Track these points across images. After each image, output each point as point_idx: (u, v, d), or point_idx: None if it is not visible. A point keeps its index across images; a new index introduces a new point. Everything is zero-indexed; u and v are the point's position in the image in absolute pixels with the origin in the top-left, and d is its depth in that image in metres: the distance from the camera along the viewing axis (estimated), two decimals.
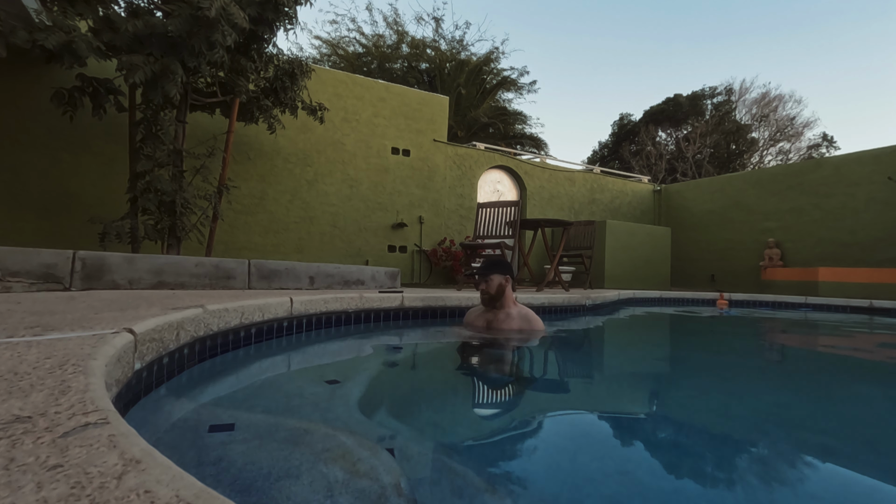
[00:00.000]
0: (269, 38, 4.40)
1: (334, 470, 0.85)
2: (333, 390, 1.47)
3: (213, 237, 4.80)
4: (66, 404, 0.60)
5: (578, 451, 1.09)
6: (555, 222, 5.24)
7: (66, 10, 3.63)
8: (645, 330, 3.93)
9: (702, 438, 1.24)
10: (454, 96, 14.58)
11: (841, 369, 2.47)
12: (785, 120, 20.89)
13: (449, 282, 7.52)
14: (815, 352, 3.06)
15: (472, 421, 1.33)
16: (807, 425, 1.37)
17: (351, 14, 26.23)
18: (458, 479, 0.89)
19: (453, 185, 7.98)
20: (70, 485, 0.40)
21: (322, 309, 2.54)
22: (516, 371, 2.00)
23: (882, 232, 7.38)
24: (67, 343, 0.97)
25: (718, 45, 42.21)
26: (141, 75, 3.43)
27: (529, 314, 2.75)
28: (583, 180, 9.65)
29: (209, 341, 1.67)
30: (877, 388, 2.00)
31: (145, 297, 2.17)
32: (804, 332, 4.14)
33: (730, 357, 2.73)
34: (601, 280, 7.70)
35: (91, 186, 5.13)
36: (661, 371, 2.28)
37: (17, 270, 2.69)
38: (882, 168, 7.45)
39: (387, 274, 4.43)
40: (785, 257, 8.57)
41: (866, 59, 38.30)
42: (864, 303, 5.89)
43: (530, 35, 46.02)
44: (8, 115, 4.78)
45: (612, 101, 50.11)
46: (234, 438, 0.99)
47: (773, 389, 1.88)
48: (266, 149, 6.31)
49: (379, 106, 7.27)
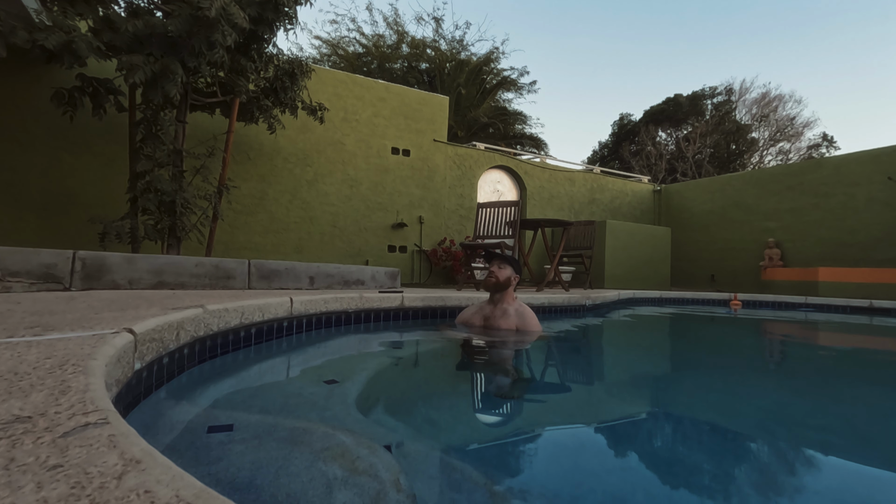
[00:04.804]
0: (269, 38, 4.40)
1: (333, 468, 0.85)
2: (332, 390, 1.47)
3: (213, 237, 4.80)
4: (66, 404, 0.60)
5: (580, 449, 1.09)
6: (555, 222, 5.24)
7: (66, 10, 3.63)
8: (645, 330, 3.93)
9: (704, 436, 1.25)
10: (454, 96, 14.58)
11: (841, 369, 2.47)
12: (785, 120, 20.90)
13: (449, 282, 7.52)
14: (816, 352, 3.06)
15: (471, 419, 1.33)
16: (809, 424, 1.37)
17: (351, 14, 26.23)
18: (457, 475, 0.89)
19: (453, 185, 7.98)
20: (70, 485, 0.41)
21: (322, 309, 2.54)
22: (516, 370, 2.00)
23: (882, 232, 7.38)
24: (67, 343, 0.97)
25: (718, 45, 42.24)
26: (141, 75, 3.43)
27: (527, 313, 2.75)
28: (583, 180, 9.65)
29: (209, 341, 1.67)
30: (877, 387, 2.00)
31: (145, 297, 2.18)
32: (804, 332, 4.14)
33: (731, 357, 2.73)
34: (601, 280, 7.70)
35: (91, 186, 5.13)
36: (662, 370, 2.29)
37: (17, 270, 2.69)
38: (882, 168, 7.45)
39: (387, 274, 4.43)
40: (785, 257, 8.56)
41: (866, 59, 38.32)
42: (864, 303, 5.89)
43: (530, 35, 46.05)
44: (8, 115, 4.78)
45: (612, 102, 50.20)
46: (234, 438, 0.99)
47: (776, 388, 1.88)
48: (266, 149, 6.31)
49: (379, 106, 7.27)
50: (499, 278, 2.73)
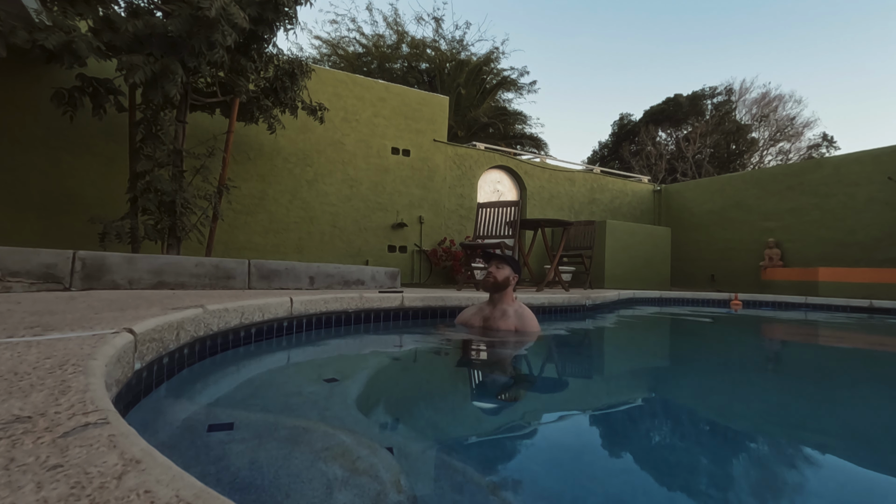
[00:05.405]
0: (269, 38, 4.40)
1: (334, 468, 0.85)
2: (332, 388, 1.47)
3: (213, 237, 4.80)
4: (66, 404, 0.60)
5: (581, 450, 1.09)
6: (555, 222, 5.24)
7: (66, 10, 3.63)
8: (645, 330, 3.93)
9: (705, 437, 1.24)
10: (454, 96, 14.58)
11: (841, 369, 2.47)
12: (785, 120, 20.90)
13: (449, 282, 7.52)
14: (816, 352, 3.06)
15: (472, 419, 1.33)
16: (810, 424, 1.37)
17: (351, 14, 26.24)
18: (458, 476, 0.89)
19: (453, 185, 7.97)
20: (70, 485, 0.40)
21: (322, 309, 2.54)
22: (516, 371, 2.00)
23: (882, 232, 7.38)
24: (67, 343, 0.97)
25: (718, 45, 42.25)
26: (141, 75, 3.43)
27: (526, 314, 2.75)
28: (583, 180, 9.65)
29: (209, 341, 1.67)
30: (878, 387, 2.00)
31: (145, 297, 2.17)
32: (804, 332, 4.14)
33: (731, 357, 2.73)
34: (601, 280, 7.70)
35: (91, 186, 5.13)
36: (663, 371, 2.28)
37: (17, 270, 2.69)
38: (882, 168, 7.45)
39: (387, 274, 4.43)
40: (785, 257, 8.56)
41: (866, 59, 38.32)
42: (864, 303, 5.89)
43: (530, 35, 46.03)
44: (8, 115, 4.78)
45: (612, 102, 50.19)
46: (234, 437, 0.99)
47: (776, 388, 1.88)
48: (266, 149, 6.31)
49: (379, 106, 7.27)
50: (497, 278, 2.73)
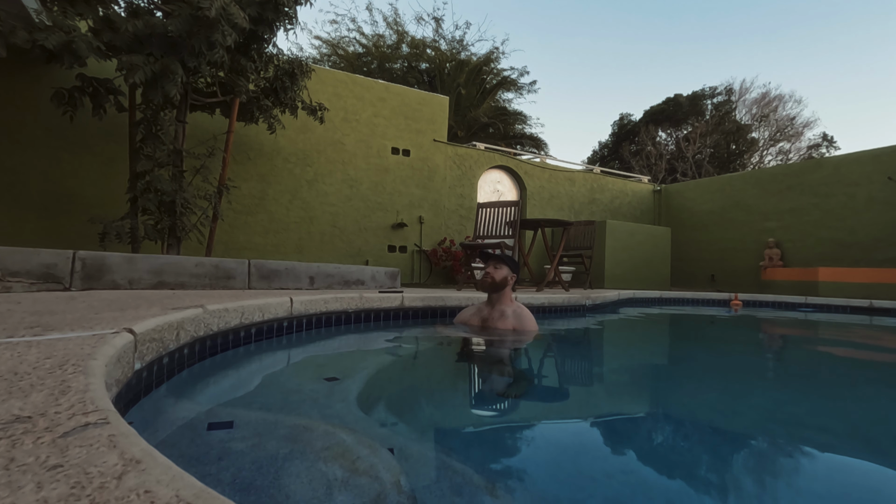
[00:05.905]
0: (269, 38, 4.40)
1: (334, 468, 0.85)
2: (332, 387, 1.47)
3: (213, 237, 4.80)
4: (66, 404, 0.60)
5: (580, 451, 1.09)
6: (555, 222, 5.24)
7: (66, 10, 3.63)
8: (645, 330, 3.93)
9: (705, 437, 1.24)
10: (454, 96, 14.58)
11: (841, 369, 2.47)
12: (785, 120, 20.90)
13: (449, 282, 7.52)
14: (817, 351, 3.06)
15: (472, 420, 1.33)
16: (809, 424, 1.37)
17: (351, 14, 26.24)
18: (458, 478, 0.89)
19: (453, 185, 7.97)
20: (70, 485, 0.40)
21: (322, 309, 2.54)
22: (516, 371, 2.00)
23: (882, 232, 7.38)
24: (67, 343, 0.97)
25: (718, 45, 42.24)
26: (141, 75, 3.43)
27: (524, 314, 2.75)
28: (583, 180, 9.65)
29: (209, 341, 1.67)
30: (877, 387, 2.00)
31: (145, 297, 2.17)
32: (805, 332, 4.14)
33: (732, 356, 2.73)
34: (601, 280, 7.70)
35: (91, 186, 5.13)
36: (663, 370, 2.28)
37: (17, 270, 2.69)
38: (882, 168, 7.45)
39: (387, 274, 4.43)
40: (785, 257, 8.56)
41: (866, 59, 38.33)
42: (864, 303, 5.89)
43: (530, 35, 46.02)
44: (8, 115, 4.78)
45: (612, 102, 50.21)
46: (234, 436, 0.99)
47: (775, 388, 1.88)
48: (266, 149, 6.31)
49: (379, 106, 7.27)
50: (495, 278, 2.73)
